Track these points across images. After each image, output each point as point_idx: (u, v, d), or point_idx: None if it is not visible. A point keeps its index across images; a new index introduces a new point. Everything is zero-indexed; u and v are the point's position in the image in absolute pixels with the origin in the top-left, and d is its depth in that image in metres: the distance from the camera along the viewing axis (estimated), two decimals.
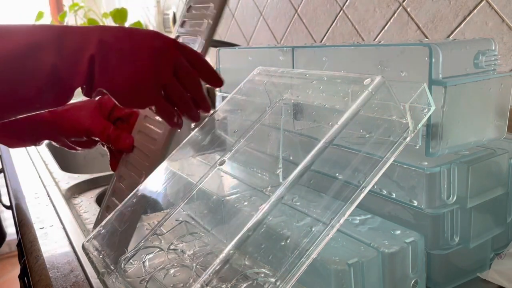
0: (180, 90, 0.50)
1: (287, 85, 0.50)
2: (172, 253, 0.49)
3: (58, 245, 0.60)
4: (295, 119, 0.52)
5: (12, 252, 2.63)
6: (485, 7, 0.73)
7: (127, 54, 0.46)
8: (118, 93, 0.46)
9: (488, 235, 0.46)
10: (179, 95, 0.50)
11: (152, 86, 0.47)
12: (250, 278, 0.41)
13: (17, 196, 0.80)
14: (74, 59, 0.44)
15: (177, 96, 0.50)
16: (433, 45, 0.40)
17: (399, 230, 0.42)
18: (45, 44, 0.43)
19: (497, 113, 0.45)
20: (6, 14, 2.75)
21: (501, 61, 0.71)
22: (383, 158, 0.36)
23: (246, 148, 0.52)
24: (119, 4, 2.51)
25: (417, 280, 0.41)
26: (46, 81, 0.43)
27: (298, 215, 0.43)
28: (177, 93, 0.49)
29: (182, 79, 0.49)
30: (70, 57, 0.44)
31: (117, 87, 0.46)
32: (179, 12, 1.88)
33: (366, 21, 0.96)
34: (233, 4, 1.46)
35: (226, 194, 0.51)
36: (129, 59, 0.46)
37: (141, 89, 0.47)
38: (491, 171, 0.45)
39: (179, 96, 0.50)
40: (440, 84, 0.40)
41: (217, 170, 0.52)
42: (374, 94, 0.36)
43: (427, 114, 0.38)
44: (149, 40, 0.47)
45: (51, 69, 0.43)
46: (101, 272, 0.47)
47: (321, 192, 0.47)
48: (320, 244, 0.33)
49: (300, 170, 0.35)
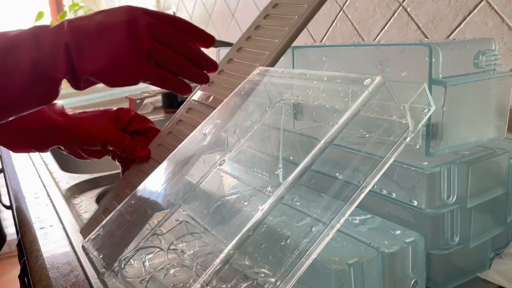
0: (168, 53, 0.48)
1: (287, 85, 0.50)
2: (172, 253, 0.49)
3: (58, 245, 0.60)
4: (295, 119, 0.52)
5: (12, 252, 2.63)
6: (485, 7, 0.73)
7: (99, 34, 0.46)
8: (102, 75, 0.46)
9: (488, 235, 0.46)
10: (168, 58, 0.48)
11: (134, 57, 0.46)
12: (250, 278, 0.41)
13: (17, 196, 0.80)
14: (52, 51, 0.45)
15: (167, 59, 0.48)
16: (433, 45, 0.40)
17: (399, 230, 0.42)
18: (22, 42, 0.44)
19: (497, 113, 0.45)
20: (6, 14, 2.75)
21: (501, 61, 0.71)
22: (383, 158, 0.36)
23: (246, 148, 0.52)
24: (119, 4, 2.51)
25: (417, 280, 0.41)
26: (30, 77, 0.44)
27: (298, 215, 0.43)
28: (165, 56, 0.48)
29: (165, 41, 0.48)
30: (48, 50, 0.44)
31: (99, 70, 0.46)
32: (179, 12, 1.88)
33: (366, 21, 0.96)
34: (233, 4, 1.46)
35: (226, 194, 0.51)
36: (102, 39, 0.46)
37: (124, 64, 0.46)
38: (491, 171, 0.45)
39: (169, 58, 0.48)
40: (440, 84, 0.40)
41: (217, 170, 0.52)
42: (374, 94, 0.36)
43: (427, 114, 0.38)
44: (117, 15, 0.47)
45: (32, 64, 0.44)
46: (101, 272, 0.47)
47: (321, 192, 0.47)
48: (320, 244, 0.33)
49: (300, 170, 0.35)
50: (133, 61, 0.47)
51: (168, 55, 0.48)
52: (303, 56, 0.58)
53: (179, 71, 0.50)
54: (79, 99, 1.68)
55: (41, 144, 0.59)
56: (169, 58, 0.49)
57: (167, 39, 0.48)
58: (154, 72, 0.48)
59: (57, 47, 0.45)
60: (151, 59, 0.48)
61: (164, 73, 0.49)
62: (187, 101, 0.60)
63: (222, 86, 0.57)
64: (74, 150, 0.60)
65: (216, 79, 0.59)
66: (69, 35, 0.45)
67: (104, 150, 0.60)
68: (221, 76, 0.59)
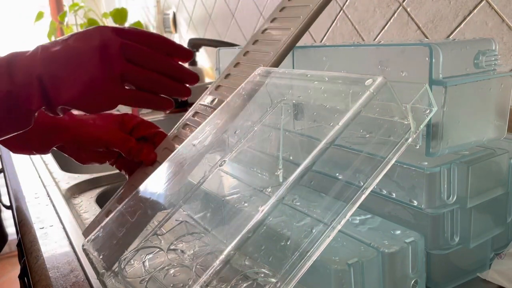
0: (143, 72, 0.48)
1: (288, 85, 0.50)
2: (172, 253, 0.49)
3: (58, 245, 0.60)
4: (296, 120, 0.52)
5: (12, 252, 2.63)
6: (485, 7, 0.73)
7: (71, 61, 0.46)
8: (77, 104, 0.46)
9: (488, 235, 0.46)
10: (144, 77, 0.48)
11: (106, 82, 0.46)
12: (250, 278, 0.41)
13: (17, 196, 0.80)
14: (26, 83, 0.45)
15: (142, 79, 0.48)
16: (433, 45, 0.40)
17: (399, 230, 0.42)
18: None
19: (497, 113, 0.45)
20: (6, 14, 2.75)
21: (501, 61, 0.71)
22: (385, 159, 0.36)
23: (247, 149, 0.52)
24: (119, 4, 2.50)
25: (417, 280, 0.41)
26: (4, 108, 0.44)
27: (298, 216, 0.43)
28: (140, 76, 0.48)
29: (139, 60, 0.48)
30: (21, 82, 0.44)
31: (73, 98, 0.46)
32: (179, 12, 1.88)
33: (366, 21, 0.96)
34: (233, 4, 1.46)
35: (227, 194, 0.51)
36: (74, 66, 0.45)
37: (97, 91, 0.46)
38: (491, 171, 0.45)
39: (145, 78, 0.48)
40: (440, 84, 0.40)
41: (218, 170, 0.52)
42: (376, 94, 0.36)
43: (429, 115, 0.38)
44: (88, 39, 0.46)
45: (6, 96, 0.44)
46: (101, 272, 0.47)
47: (322, 192, 0.47)
48: (321, 245, 0.33)
49: (301, 170, 0.35)
50: (107, 87, 0.46)
51: (143, 75, 0.48)
52: (303, 56, 0.58)
53: (157, 88, 0.50)
54: None
55: (41, 145, 0.58)
56: (145, 77, 0.48)
57: (141, 58, 0.48)
58: (130, 95, 0.48)
59: (31, 78, 0.45)
60: (126, 82, 0.48)
61: (141, 94, 0.49)
62: (194, 105, 0.60)
63: (229, 89, 0.57)
64: (75, 151, 0.59)
65: (223, 83, 0.59)
66: (42, 64, 0.45)
67: (107, 154, 0.59)
68: (227, 80, 0.59)
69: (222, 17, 1.55)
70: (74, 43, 0.46)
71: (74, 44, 0.46)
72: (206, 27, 1.67)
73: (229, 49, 0.77)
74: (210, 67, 1.68)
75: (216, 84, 0.60)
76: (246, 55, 0.60)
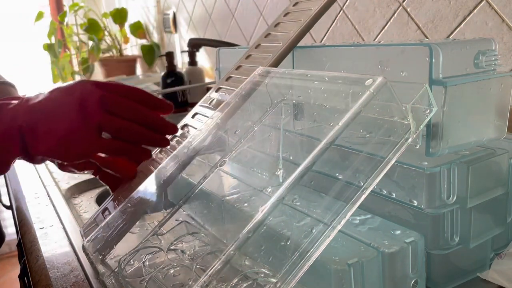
0: (121, 123, 0.49)
1: (288, 85, 0.50)
2: (172, 253, 0.49)
3: (58, 245, 0.60)
4: (296, 120, 0.52)
5: (12, 252, 2.63)
6: (485, 7, 0.73)
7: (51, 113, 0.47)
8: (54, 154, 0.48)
9: (488, 235, 0.46)
10: (122, 128, 0.49)
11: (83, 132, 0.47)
12: (250, 278, 0.41)
13: (17, 196, 0.80)
14: (6, 135, 0.47)
15: (120, 129, 0.49)
16: (433, 45, 0.40)
17: (399, 230, 0.42)
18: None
19: (497, 113, 0.45)
20: (6, 14, 2.75)
21: (501, 61, 0.71)
22: (385, 159, 0.36)
23: (247, 149, 0.52)
24: (119, 4, 2.50)
25: (417, 280, 0.41)
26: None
27: (298, 216, 0.43)
28: (118, 127, 0.49)
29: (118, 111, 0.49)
30: (2, 133, 0.47)
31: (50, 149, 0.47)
32: (179, 12, 1.88)
33: (366, 21, 0.96)
34: (233, 4, 1.46)
35: (227, 194, 0.51)
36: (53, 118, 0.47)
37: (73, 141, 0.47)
38: (491, 171, 0.45)
39: (123, 128, 0.49)
40: (440, 84, 0.40)
41: (218, 170, 0.52)
42: (376, 94, 0.36)
43: (429, 115, 0.38)
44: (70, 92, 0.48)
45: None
46: (101, 272, 0.47)
47: (322, 192, 0.47)
48: (321, 245, 0.33)
49: (301, 170, 0.35)
50: (83, 136, 0.47)
51: (121, 125, 0.49)
52: (303, 56, 0.58)
53: (135, 139, 0.50)
54: None
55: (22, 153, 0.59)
56: (123, 128, 0.49)
57: (119, 109, 0.49)
58: (106, 145, 0.49)
59: (11, 130, 0.47)
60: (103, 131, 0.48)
61: (118, 144, 0.50)
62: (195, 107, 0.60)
63: (229, 91, 0.58)
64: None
65: (224, 84, 0.60)
66: (23, 116, 0.47)
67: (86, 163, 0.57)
68: (227, 82, 0.60)
69: (222, 17, 1.55)
70: (56, 95, 0.48)
71: (55, 96, 0.48)
72: (206, 27, 1.67)
73: (229, 49, 0.77)
74: (210, 67, 1.68)
75: (217, 86, 0.61)
76: (248, 58, 0.61)
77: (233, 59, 0.70)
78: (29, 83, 2.74)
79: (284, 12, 0.62)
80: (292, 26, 0.57)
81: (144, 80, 1.87)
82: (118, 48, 2.31)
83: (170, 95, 1.46)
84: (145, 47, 2.10)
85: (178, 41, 1.94)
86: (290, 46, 0.56)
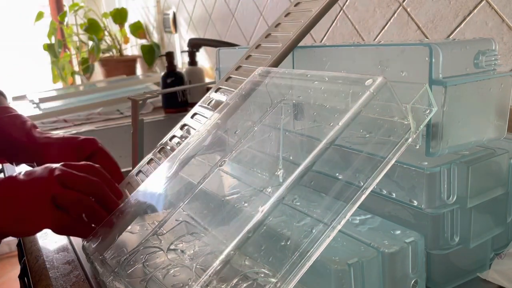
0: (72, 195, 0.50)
1: (288, 85, 0.50)
2: (172, 253, 0.49)
3: (58, 245, 0.60)
4: (296, 120, 0.52)
5: (12, 252, 2.63)
6: (485, 7, 0.73)
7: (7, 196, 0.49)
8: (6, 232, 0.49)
9: (488, 235, 0.46)
10: (72, 200, 0.50)
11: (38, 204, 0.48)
12: (250, 278, 0.41)
13: None
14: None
15: (71, 201, 0.50)
16: (433, 45, 0.40)
17: (399, 230, 0.42)
18: None
19: (497, 113, 0.45)
20: (6, 14, 2.75)
21: (501, 61, 0.71)
22: (385, 159, 0.36)
23: (247, 149, 0.52)
24: (119, 4, 2.50)
25: (417, 280, 0.41)
26: None
27: (298, 216, 0.43)
28: (69, 200, 0.50)
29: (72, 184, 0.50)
30: None
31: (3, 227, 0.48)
32: (179, 12, 1.88)
33: (366, 21, 0.96)
34: (233, 4, 1.46)
35: (227, 194, 0.51)
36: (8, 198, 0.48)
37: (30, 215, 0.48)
38: (491, 171, 0.45)
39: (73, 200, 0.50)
40: (440, 84, 0.40)
41: (218, 170, 0.52)
42: (376, 94, 0.36)
43: (429, 115, 0.38)
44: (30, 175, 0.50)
45: None
46: (101, 272, 0.47)
47: (322, 192, 0.47)
48: (321, 245, 0.33)
49: (301, 170, 0.35)
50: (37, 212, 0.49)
51: (72, 198, 0.50)
52: (303, 56, 0.58)
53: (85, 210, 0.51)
54: (80, 99, 1.68)
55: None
56: (73, 200, 0.50)
57: (74, 183, 0.51)
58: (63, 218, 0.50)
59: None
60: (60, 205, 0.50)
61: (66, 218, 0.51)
62: (194, 107, 0.61)
63: (229, 91, 0.58)
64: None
65: (224, 85, 0.60)
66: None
67: None
68: (227, 82, 0.60)
69: (222, 17, 1.55)
70: (19, 177, 0.50)
71: (18, 179, 0.50)
72: (206, 27, 1.67)
73: (229, 49, 0.77)
74: (210, 67, 1.68)
75: (217, 86, 0.61)
76: (248, 58, 0.61)
77: (233, 59, 0.69)
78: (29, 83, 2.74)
79: (285, 13, 0.62)
80: (292, 27, 0.57)
81: (144, 80, 1.87)
82: (118, 48, 2.31)
83: (170, 95, 1.46)
84: (145, 47, 2.10)
85: (178, 41, 1.94)
86: (290, 47, 0.56)
